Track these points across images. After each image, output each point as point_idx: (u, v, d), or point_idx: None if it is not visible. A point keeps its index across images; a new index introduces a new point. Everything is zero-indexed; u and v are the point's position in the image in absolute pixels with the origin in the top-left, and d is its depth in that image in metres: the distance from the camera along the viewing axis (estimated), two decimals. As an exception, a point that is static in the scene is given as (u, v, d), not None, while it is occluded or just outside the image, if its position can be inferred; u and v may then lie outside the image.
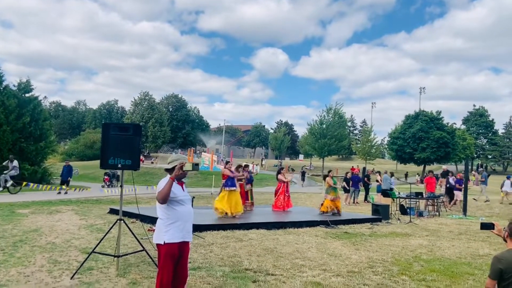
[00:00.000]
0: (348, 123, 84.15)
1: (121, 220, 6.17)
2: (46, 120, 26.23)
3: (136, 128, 6.05)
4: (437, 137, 57.93)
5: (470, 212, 16.18)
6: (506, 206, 18.47)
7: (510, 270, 4.04)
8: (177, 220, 4.02)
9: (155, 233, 4.12)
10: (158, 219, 4.09)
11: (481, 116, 75.29)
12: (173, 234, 3.98)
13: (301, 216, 13.04)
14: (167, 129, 72.38)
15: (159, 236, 4.02)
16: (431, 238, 10.33)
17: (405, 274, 6.40)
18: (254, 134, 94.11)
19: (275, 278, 5.85)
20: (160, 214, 4.06)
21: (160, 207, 4.06)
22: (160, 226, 4.04)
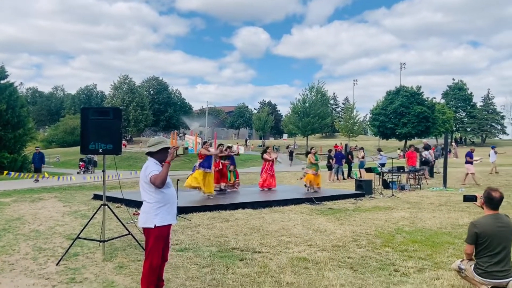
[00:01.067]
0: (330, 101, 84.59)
1: (105, 205, 6.13)
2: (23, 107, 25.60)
3: (116, 111, 5.96)
4: (418, 112, 58.75)
5: (450, 184, 16.61)
6: (485, 176, 19.00)
7: (484, 234, 4.21)
8: (166, 203, 4.06)
9: (141, 217, 4.10)
10: (145, 203, 4.07)
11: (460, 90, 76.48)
12: (163, 217, 4.02)
13: (286, 194, 13.18)
14: (148, 112, 71.51)
15: (148, 220, 4.02)
16: (413, 210, 10.59)
17: (388, 246, 6.57)
18: (237, 115, 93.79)
19: (262, 256, 5.94)
20: (148, 198, 4.05)
21: (147, 191, 4.05)
22: (148, 210, 4.03)
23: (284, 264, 5.54)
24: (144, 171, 4.06)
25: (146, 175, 4.01)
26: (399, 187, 15.64)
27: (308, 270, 5.30)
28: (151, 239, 4.02)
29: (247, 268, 5.34)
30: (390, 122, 60.46)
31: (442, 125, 61.77)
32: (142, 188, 4.10)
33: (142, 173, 4.10)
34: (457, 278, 4.72)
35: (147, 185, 4.04)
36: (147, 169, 4.04)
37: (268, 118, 74.60)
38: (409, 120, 58.98)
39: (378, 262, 5.66)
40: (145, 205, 4.08)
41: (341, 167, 20.50)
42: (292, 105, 61.31)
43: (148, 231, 4.03)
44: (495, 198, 4.29)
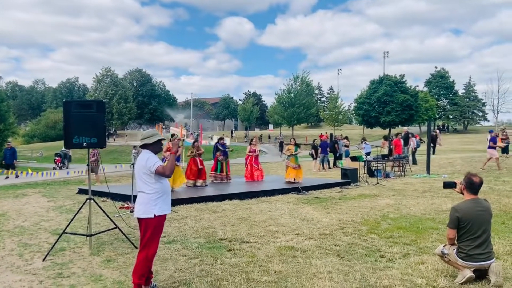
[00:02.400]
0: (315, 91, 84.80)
1: (91, 199, 6.08)
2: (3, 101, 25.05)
3: (99, 104, 5.89)
4: (401, 100, 59.36)
5: (433, 170, 16.91)
6: (467, 162, 19.38)
7: (465, 218, 4.32)
8: (164, 193, 4.18)
9: (139, 208, 4.14)
10: (143, 194, 4.14)
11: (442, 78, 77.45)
12: (162, 207, 4.14)
13: (273, 184, 13.24)
14: (132, 105, 70.62)
15: (147, 210, 4.09)
16: (398, 197, 10.77)
17: (374, 233, 6.69)
18: (222, 106, 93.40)
19: (250, 246, 5.98)
20: (147, 189, 4.12)
21: (147, 182, 4.13)
22: (147, 201, 4.11)
23: (272, 253, 5.60)
24: (146, 162, 4.12)
25: (149, 166, 4.09)
26: (384, 175, 15.86)
27: (296, 258, 5.37)
28: (150, 229, 4.09)
29: (236, 258, 5.38)
30: (374, 110, 60.99)
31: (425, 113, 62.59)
32: (141, 180, 4.16)
33: (141, 164, 4.16)
34: (441, 262, 4.83)
35: (147, 176, 4.12)
36: (149, 160, 4.12)
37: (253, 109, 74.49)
38: (393, 109, 59.59)
39: (364, 249, 5.75)
40: (143, 196, 4.14)
41: (326, 156, 20.66)
42: (277, 96, 61.42)
43: (147, 222, 4.10)
44: (475, 183, 4.40)
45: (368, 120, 62.25)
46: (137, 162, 4.28)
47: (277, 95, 61.52)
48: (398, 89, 61.07)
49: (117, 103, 67.09)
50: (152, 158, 4.16)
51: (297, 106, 57.71)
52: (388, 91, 60.45)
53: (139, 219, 4.17)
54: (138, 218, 4.17)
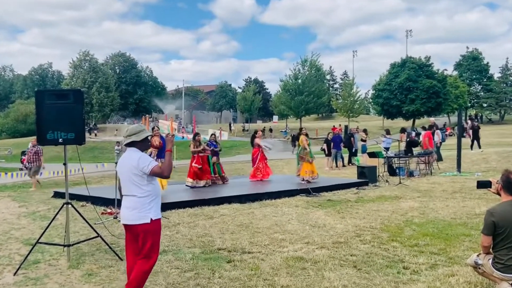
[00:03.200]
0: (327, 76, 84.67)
1: (68, 204, 6.10)
2: (-35, 91, 25.08)
3: (77, 94, 5.90)
4: (427, 86, 59.18)
5: (465, 168, 16.89)
6: (504, 158, 19.35)
7: (503, 223, 4.28)
8: (156, 195, 4.31)
9: (131, 214, 4.20)
10: (134, 199, 4.21)
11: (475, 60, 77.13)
12: (156, 210, 4.28)
13: (278, 185, 13.25)
14: (115, 94, 70.67)
15: (142, 215, 4.18)
16: (423, 199, 10.77)
17: (396, 241, 6.69)
18: (219, 95, 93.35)
19: (253, 256, 6.00)
20: (139, 192, 4.21)
21: (138, 185, 4.21)
22: (140, 205, 4.20)
23: (278, 265, 5.61)
24: (137, 162, 4.17)
25: (142, 166, 4.15)
26: (407, 173, 15.85)
27: (305, 271, 5.38)
28: (150, 236, 4.20)
29: (236, 271, 5.40)
30: (395, 99, 60.87)
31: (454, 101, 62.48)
32: (130, 182, 4.22)
33: (131, 164, 4.20)
34: (474, 274, 4.83)
35: (139, 178, 4.19)
36: (142, 160, 4.18)
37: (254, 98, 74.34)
38: (417, 96, 59.44)
39: (385, 259, 5.76)
40: (135, 201, 4.20)
41: (340, 152, 20.64)
42: (283, 82, 61.34)
43: (145, 228, 4.17)
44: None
45: (389, 110, 62.16)
46: (123, 161, 4.30)
47: (282, 81, 61.48)
48: (423, 74, 60.90)
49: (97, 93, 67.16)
50: (144, 157, 4.23)
51: (306, 94, 57.61)
52: (412, 76, 60.29)
53: (130, 226, 4.21)
54: (129, 226, 4.21)
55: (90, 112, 66.65)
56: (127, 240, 4.38)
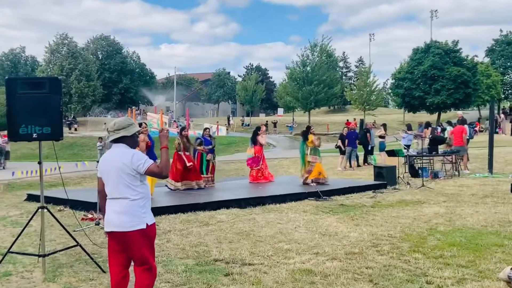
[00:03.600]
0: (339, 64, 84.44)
1: (43, 209, 6.11)
2: None
3: (54, 83, 5.91)
4: (454, 75, 58.95)
5: (498, 169, 16.86)
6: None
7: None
8: (148, 197, 4.35)
9: (123, 219, 4.17)
10: (125, 201, 4.19)
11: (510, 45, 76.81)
12: (150, 214, 4.33)
13: (283, 188, 13.26)
14: (97, 83, 70.66)
15: (138, 221, 4.19)
16: (450, 204, 10.77)
17: (418, 251, 6.70)
18: (216, 85, 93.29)
19: (254, 269, 6.01)
20: (131, 194, 4.20)
21: (132, 186, 4.21)
22: (134, 209, 4.20)
23: (283, 278, 5.62)
24: (131, 160, 4.17)
25: (137, 165, 4.16)
26: (431, 174, 15.83)
27: (314, 285, 5.39)
28: (146, 242, 4.23)
29: (235, 285, 5.41)
30: (418, 89, 60.67)
31: (486, 91, 62.24)
32: (122, 182, 4.20)
33: (122, 162, 4.18)
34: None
35: (132, 178, 4.19)
36: (135, 157, 4.19)
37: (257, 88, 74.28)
38: (443, 86, 59.23)
39: (405, 273, 5.76)
40: (128, 204, 4.18)
41: (355, 150, 20.62)
42: (289, 70, 61.21)
43: (140, 235, 4.18)
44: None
45: (410, 102, 61.97)
46: (109, 159, 4.27)
47: (288, 69, 61.33)
48: (450, 61, 60.71)
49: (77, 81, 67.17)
50: (138, 154, 4.25)
51: (315, 84, 57.49)
52: (437, 63, 60.11)
53: (121, 234, 4.16)
54: (119, 233, 4.17)
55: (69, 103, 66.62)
56: (111, 250, 4.33)
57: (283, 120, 67.07)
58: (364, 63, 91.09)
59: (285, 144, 43.10)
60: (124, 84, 78.87)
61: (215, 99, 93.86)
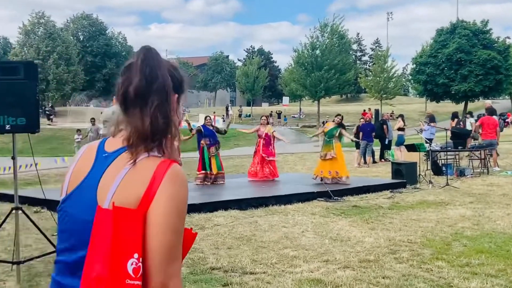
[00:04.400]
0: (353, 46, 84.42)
1: (18, 210, 6.12)
2: None
3: (29, 67, 5.90)
4: (484, 59, 58.80)
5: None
6: None
7: None
8: None
9: None
10: None
11: (547, 25, 76.54)
12: None
13: (289, 187, 13.26)
14: (78, 68, 70.69)
15: None
16: (477, 206, 10.77)
17: (442, 259, 6.70)
18: (213, 70, 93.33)
19: (256, 278, 6.02)
20: None
21: None
22: None
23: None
24: None
25: None
26: (457, 172, 15.82)
27: (324, 297, 5.39)
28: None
29: (235, 296, 5.42)
30: (442, 75, 60.56)
31: (519, 78, 62.03)
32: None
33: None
34: (542, 302, 4.84)
35: None
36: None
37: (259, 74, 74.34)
38: (471, 72, 59.11)
39: (427, 283, 5.77)
40: None
41: (371, 145, 20.61)
42: (296, 54, 61.10)
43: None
44: None
45: (433, 89, 61.88)
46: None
47: (295, 52, 61.23)
48: (479, 43, 60.54)
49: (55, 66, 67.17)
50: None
51: (326, 69, 57.40)
52: (464, 46, 59.96)
53: None
54: None
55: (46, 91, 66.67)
56: None
57: (288, 110, 67.10)
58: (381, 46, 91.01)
59: (290, 138, 43.00)
60: (108, 69, 78.86)
61: (212, 87, 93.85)
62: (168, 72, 1.66)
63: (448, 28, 63.12)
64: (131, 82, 1.64)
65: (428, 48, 63.62)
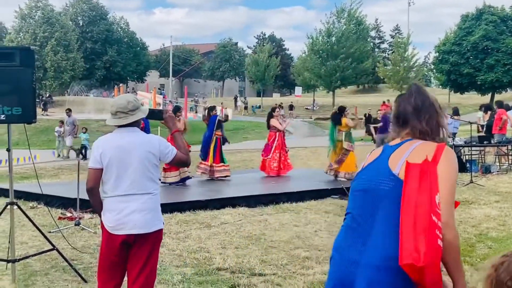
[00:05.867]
0: (371, 33, 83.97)
1: (13, 205, 6.16)
2: None
3: (26, 54, 5.91)
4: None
5: None
6: None
7: None
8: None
9: (148, 218, 4.21)
10: (150, 196, 4.28)
11: None
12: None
13: (301, 183, 13.27)
14: (77, 55, 70.82)
15: (159, 218, 4.34)
16: (504, 205, 10.70)
17: (465, 262, 6.65)
18: (221, 58, 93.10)
19: (265, 280, 6.04)
20: (155, 188, 4.34)
21: (154, 178, 4.33)
22: (155, 206, 4.33)
23: (300, 292, 5.63)
24: (159, 147, 4.27)
25: (165, 153, 4.29)
26: (482, 168, 15.74)
27: (338, 300, 5.39)
28: (158, 245, 4.38)
29: (242, 299, 5.43)
30: (467, 64, 60.21)
31: (551, 68, 61.54)
32: (147, 176, 4.26)
33: (148, 151, 4.23)
34: None
35: (156, 170, 4.32)
36: (162, 144, 4.31)
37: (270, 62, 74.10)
38: (498, 61, 58.72)
39: (448, 287, 5.75)
40: (152, 200, 4.29)
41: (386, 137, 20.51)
42: (310, 41, 60.93)
43: (158, 235, 4.35)
44: None
45: (457, 80, 61.56)
46: (127, 147, 4.20)
47: (309, 39, 61.08)
48: (508, 30, 60.11)
49: (53, 53, 67.36)
50: (163, 141, 4.38)
51: (342, 58, 57.24)
52: (491, 33, 59.54)
53: (143, 236, 4.17)
54: (140, 236, 4.16)
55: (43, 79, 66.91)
56: (111, 261, 4.23)
57: (301, 102, 66.86)
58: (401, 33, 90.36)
59: (303, 131, 43.03)
60: (109, 57, 78.90)
61: (220, 76, 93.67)
62: (431, 98, 2.73)
63: (473, 14, 62.65)
64: (410, 102, 2.71)
65: (452, 35, 63.18)
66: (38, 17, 70.33)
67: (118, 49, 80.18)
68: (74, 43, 71.30)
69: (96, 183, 4.24)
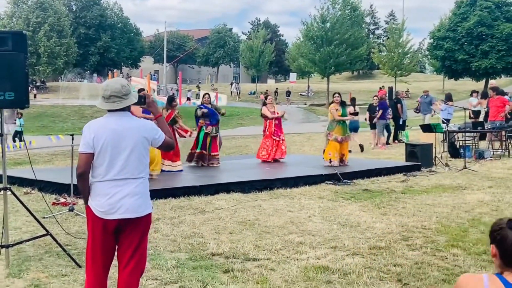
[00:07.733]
0: (366, 19, 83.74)
1: (6, 190, 6.14)
2: None
3: (18, 38, 5.87)
4: (507, 33, 58.32)
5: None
6: None
7: None
8: None
9: (140, 202, 4.27)
10: (141, 181, 4.33)
11: None
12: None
13: (296, 169, 13.29)
14: (70, 41, 70.46)
15: (148, 202, 4.42)
16: (497, 190, 10.77)
17: (457, 246, 6.71)
18: (215, 44, 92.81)
19: (259, 265, 6.05)
20: (145, 172, 4.39)
21: (145, 163, 4.38)
22: (147, 191, 4.41)
23: (293, 276, 5.66)
24: (150, 131, 4.30)
25: (155, 137, 4.31)
26: (476, 154, 15.78)
27: (331, 285, 5.42)
28: (148, 229, 4.45)
29: (236, 284, 5.45)
30: (461, 51, 60.15)
31: (545, 54, 61.57)
32: (140, 160, 4.29)
33: (141, 135, 4.24)
34: None
35: (147, 154, 4.37)
36: (154, 129, 4.34)
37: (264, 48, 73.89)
38: (493, 48, 58.67)
39: (441, 271, 5.79)
40: (143, 185, 4.36)
41: (383, 124, 20.47)
42: (305, 27, 60.67)
43: (149, 219, 4.41)
44: None
45: (452, 66, 61.52)
46: (120, 130, 4.17)
47: (304, 24, 60.77)
48: (502, 16, 60.00)
49: (46, 38, 66.98)
50: (153, 125, 4.40)
51: (336, 44, 56.99)
52: (486, 19, 59.44)
53: (134, 220, 4.20)
54: (130, 220, 4.18)
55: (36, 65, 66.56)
56: (104, 245, 4.23)
57: (296, 88, 66.84)
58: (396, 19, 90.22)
59: (297, 117, 43.05)
60: (103, 42, 78.55)
61: (214, 62, 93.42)
62: None
63: (468, 0, 62.53)
64: None
65: (446, 21, 63.07)
66: (31, 2, 69.88)
67: (112, 35, 79.83)
68: (68, 28, 70.90)
69: (87, 167, 4.21)
